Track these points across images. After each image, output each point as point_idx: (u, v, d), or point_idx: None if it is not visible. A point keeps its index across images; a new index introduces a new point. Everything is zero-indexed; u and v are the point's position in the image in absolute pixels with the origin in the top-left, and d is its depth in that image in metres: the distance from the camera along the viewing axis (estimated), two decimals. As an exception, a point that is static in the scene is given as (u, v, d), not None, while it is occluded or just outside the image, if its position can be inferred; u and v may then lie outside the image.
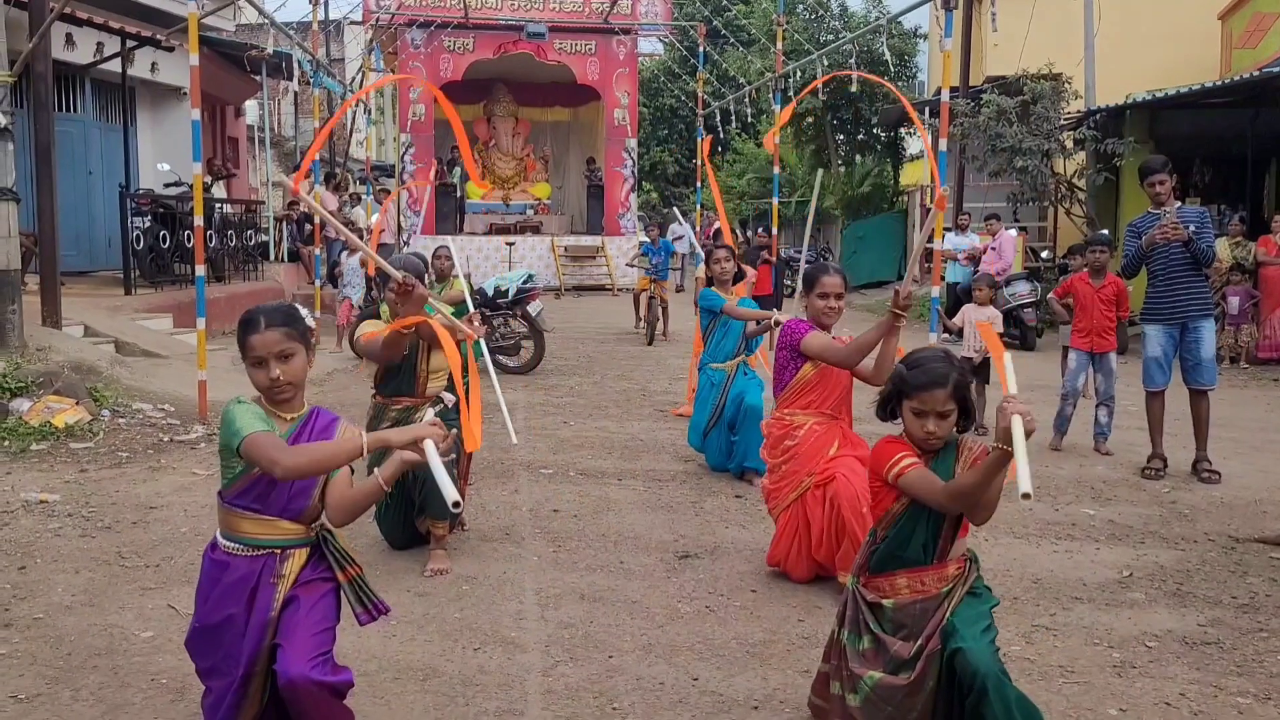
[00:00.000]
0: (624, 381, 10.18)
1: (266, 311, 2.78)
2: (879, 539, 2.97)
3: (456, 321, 4.82)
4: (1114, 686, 3.58)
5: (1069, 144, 15.22)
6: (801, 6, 26.85)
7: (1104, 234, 8.66)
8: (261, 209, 16.61)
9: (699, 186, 20.29)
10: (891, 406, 2.96)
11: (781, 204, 18.08)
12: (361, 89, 19.17)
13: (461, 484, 5.05)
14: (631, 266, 16.17)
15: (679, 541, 5.14)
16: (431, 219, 20.62)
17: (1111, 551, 5.09)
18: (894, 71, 24.53)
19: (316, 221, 13.34)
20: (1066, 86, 15.01)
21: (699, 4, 29.46)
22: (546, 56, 21.65)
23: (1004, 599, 4.19)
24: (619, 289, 20.84)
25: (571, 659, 3.73)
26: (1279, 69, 12.29)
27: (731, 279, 6.79)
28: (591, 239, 22.30)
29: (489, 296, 10.36)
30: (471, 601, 4.29)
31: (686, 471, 6.58)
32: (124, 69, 13.74)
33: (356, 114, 22.06)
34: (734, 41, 26.51)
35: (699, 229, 19.91)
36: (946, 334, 8.48)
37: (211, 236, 12.70)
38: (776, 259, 14.18)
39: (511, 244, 20.10)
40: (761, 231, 18.34)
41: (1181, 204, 6.81)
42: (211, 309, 8.78)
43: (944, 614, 2.77)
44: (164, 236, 12.32)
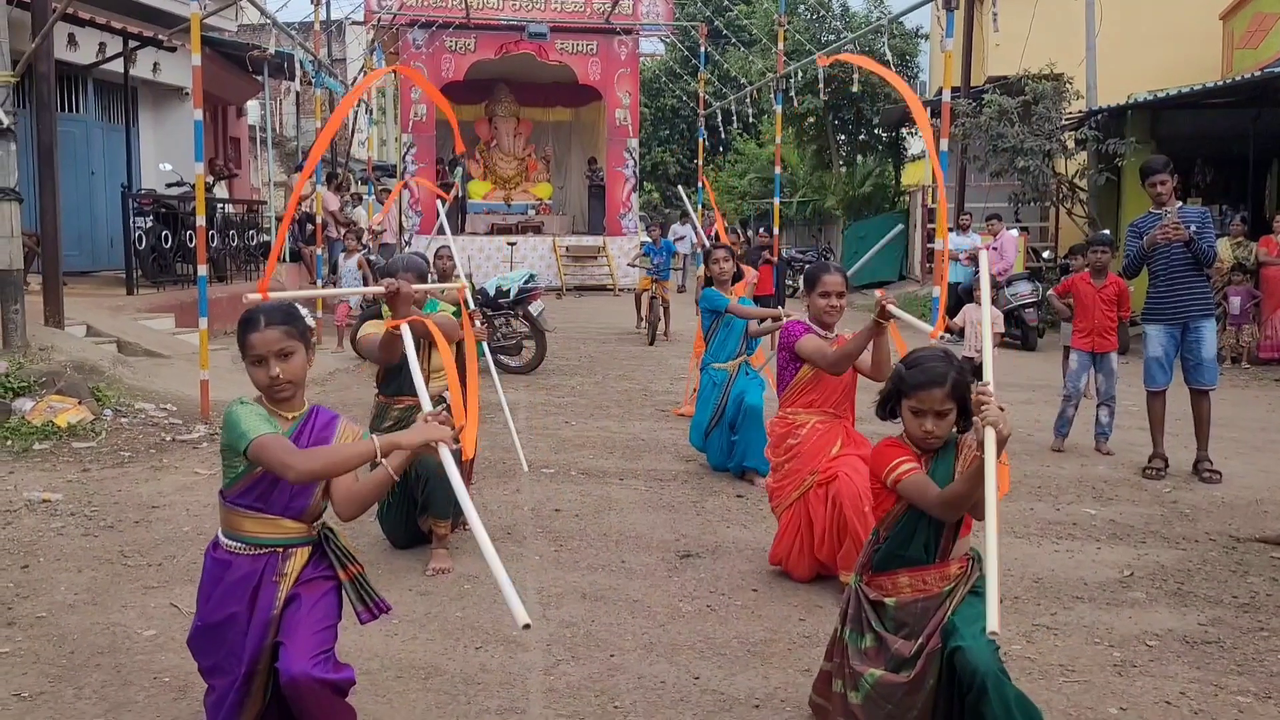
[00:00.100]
0: (625, 381, 10.19)
1: (266, 310, 2.79)
2: (881, 538, 2.98)
3: (453, 320, 4.83)
4: (1114, 685, 3.58)
5: (1070, 144, 15.23)
6: (803, 7, 26.84)
7: (1105, 234, 8.65)
8: (263, 209, 16.62)
9: (699, 187, 20.30)
10: (891, 406, 2.97)
11: (783, 204, 18.09)
12: (360, 86, 19.19)
13: (465, 483, 5.05)
14: (633, 266, 16.18)
15: (680, 541, 5.15)
16: (432, 219, 20.62)
17: (1112, 551, 5.09)
18: (895, 72, 24.55)
19: (318, 221, 13.33)
20: (1068, 87, 15.01)
21: (700, 4, 29.47)
22: (548, 57, 21.66)
23: (1005, 598, 4.20)
24: (620, 289, 20.85)
25: (573, 658, 3.74)
26: (1280, 69, 12.30)
27: (731, 279, 6.81)
28: (593, 239, 22.31)
29: (491, 296, 10.37)
30: (473, 600, 4.30)
31: (688, 471, 6.58)
32: (126, 69, 13.76)
33: (358, 114, 22.08)
34: (735, 42, 26.55)
35: (700, 229, 19.92)
36: (947, 334, 8.47)
37: (213, 236, 12.71)
38: (778, 259, 14.18)
39: (513, 244, 20.11)
40: (763, 231, 18.36)
41: (1183, 204, 6.82)
42: (213, 309, 8.79)
43: (945, 613, 2.78)
44: (166, 236, 12.32)
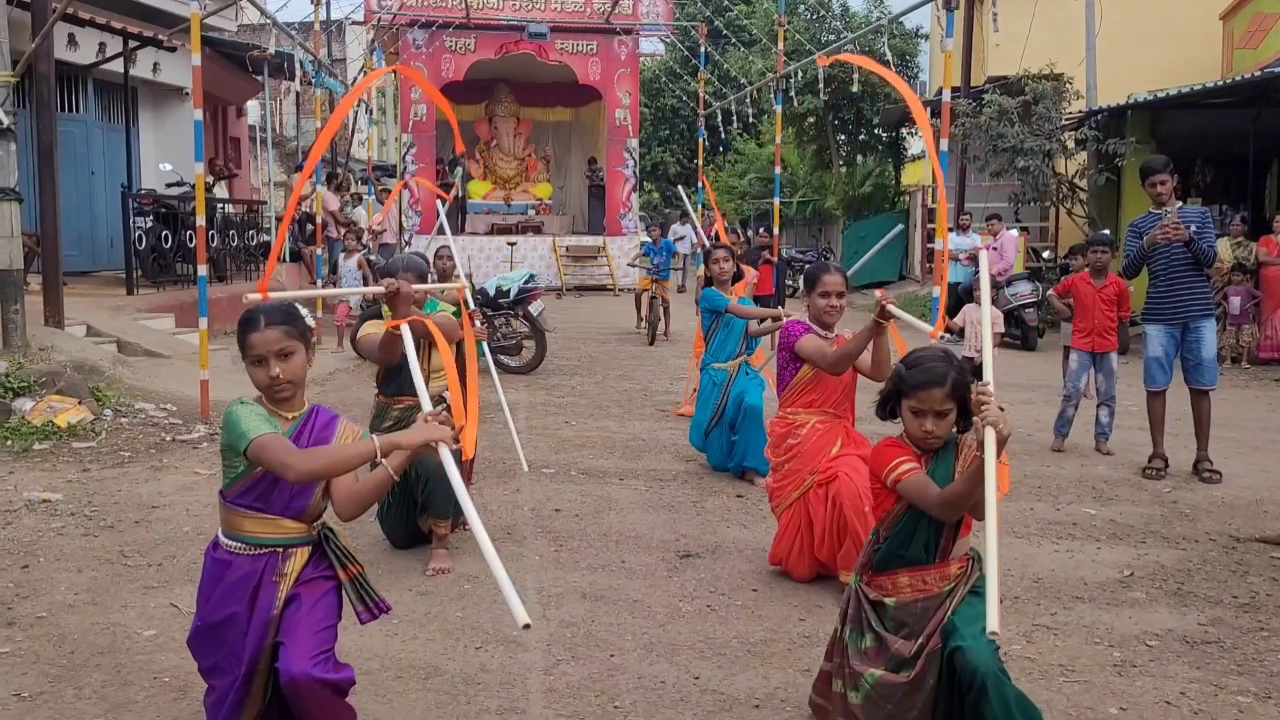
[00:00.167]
0: (625, 381, 10.19)
1: (266, 310, 2.80)
2: (881, 538, 2.98)
3: (453, 320, 4.83)
4: (1114, 685, 3.58)
5: (1070, 144, 15.23)
6: (803, 7, 26.84)
7: (1105, 234, 8.65)
8: (263, 209, 16.62)
9: (699, 187, 20.30)
10: (891, 406, 2.97)
11: (783, 204, 18.08)
12: (360, 86, 19.18)
13: (465, 484, 5.05)
14: (633, 266, 16.18)
15: (680, 541, 5.15)
16: (432, 219, 20.63)
17: (1112, 551, 5.09)
18: (895, 72, 24.55)
19: (318, 221, 13.33)
20: (1068, 87, 15.01)
21: (700, 4, 29.47)
22: (548, 57, 21.67)
23: (1005, 598, 4.20)
24: (620, 289, 20.85)
25: (573, 658, 3.74)
26: (1280, 69, 12.30)
27: (730, 279, 6.81)
28: (593, 239, 22.31)
29: (491, 296, 10.37)
30: (473, 600, 4.30)
31: (688, 471, 6.58)
32: (126, 69, 13.76)
33: (358, 114, 22.07)
34: (735, 42, 26.55)
35: (700, 229, 19.93)
36: (948, 334, 8.47)
37: (213, 236, 12.71)
38: (778, 259, 14.18)
39: (513, 244, 20.12)
40: (763, 231, 18.36)
41: (1183, 204, 6.82)
42: (213, 309, 8.79)
43: (945, 613, 2.78)
44: (166, 236, 12.32)
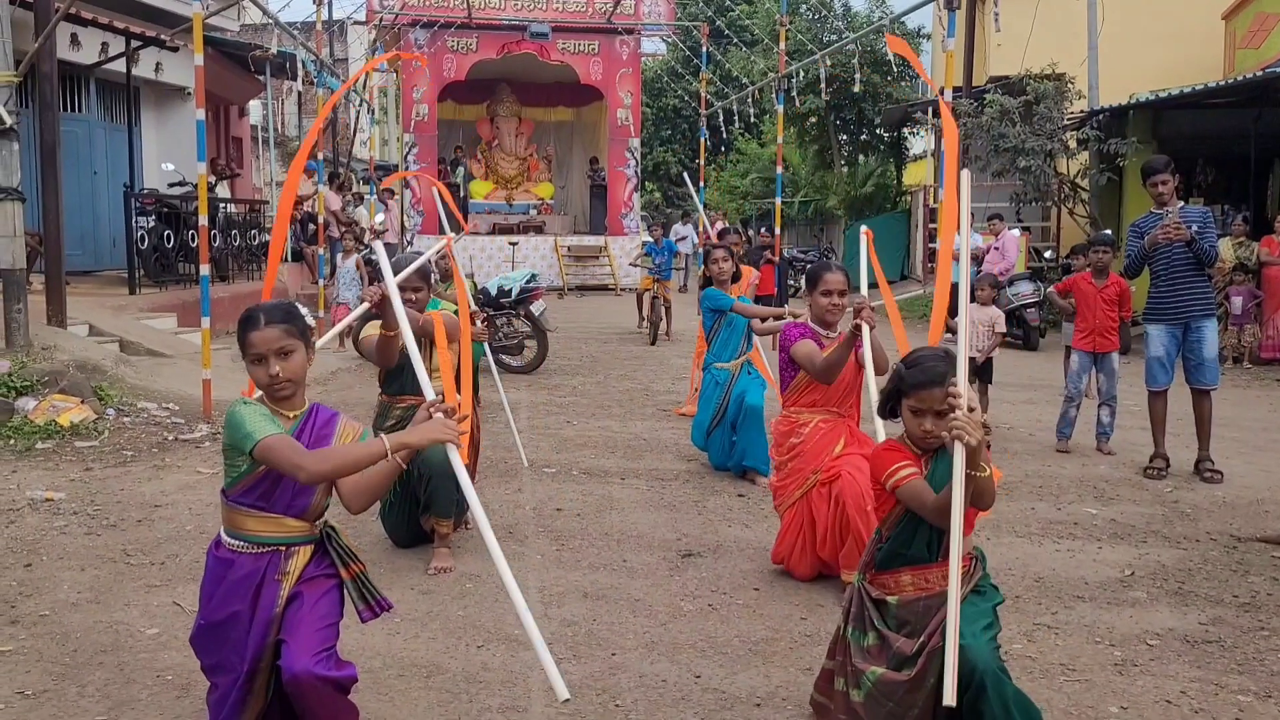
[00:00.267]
0: (627, 381, 10.20)
1: (266, 309, 2.81)
2: (884, 537, 2.98)
3: (454, 319, 4.84)
4: (1115, 684, 3.59)
5: (1072, 144, 15.22)
6: (804, 6, 26.84)
7: (1107, 234, 8.64)
8: (265, 209, 16.64)
9: (701, 187, 20.32)
10: (891, 405, 2.98)
11: (784, 204, 18.09)
12: (365, 86, 19.21)
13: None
14: (635, 266, 16.19)
15: (682, 540, 5.15)
16: (434, 218, 20.65)
17: (1113, 550, 5.10)
18: (897, 71, 24.53)
19: (320, 221, 13.34)
20: (1069, 86, 15.01)
21: (702, 4, 29.46)
22: (550, 56, 21.68)
23: (1006, 597, 4.20)
24: (622, 289, 20.86)
25: (574, 656, 3.75)
26: (1282, 69, 12.28)
27: (730, 278, 6.83)
28: (594, 239, 22.32)
29: (492, 296, 10.38)
30: (475, 599, 4.30)
31: (689, 470, 6.59)
32: (128, 69, 13.77)
33: (360, 114, 22.10)
34: (737, 42, 26.56)
35: (702, 229, 19.96)
36: (949, 334, 8.48)
37: (215, 236, 12.72)
38: (779, 259, 14.20)
39: (515, 244, 20.13)
40: (764, 231, 18.37)
41: (1184, 204, 6.82)
42: (216, 308, 8.81)
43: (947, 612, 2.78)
44: (168, 236, 12.34)
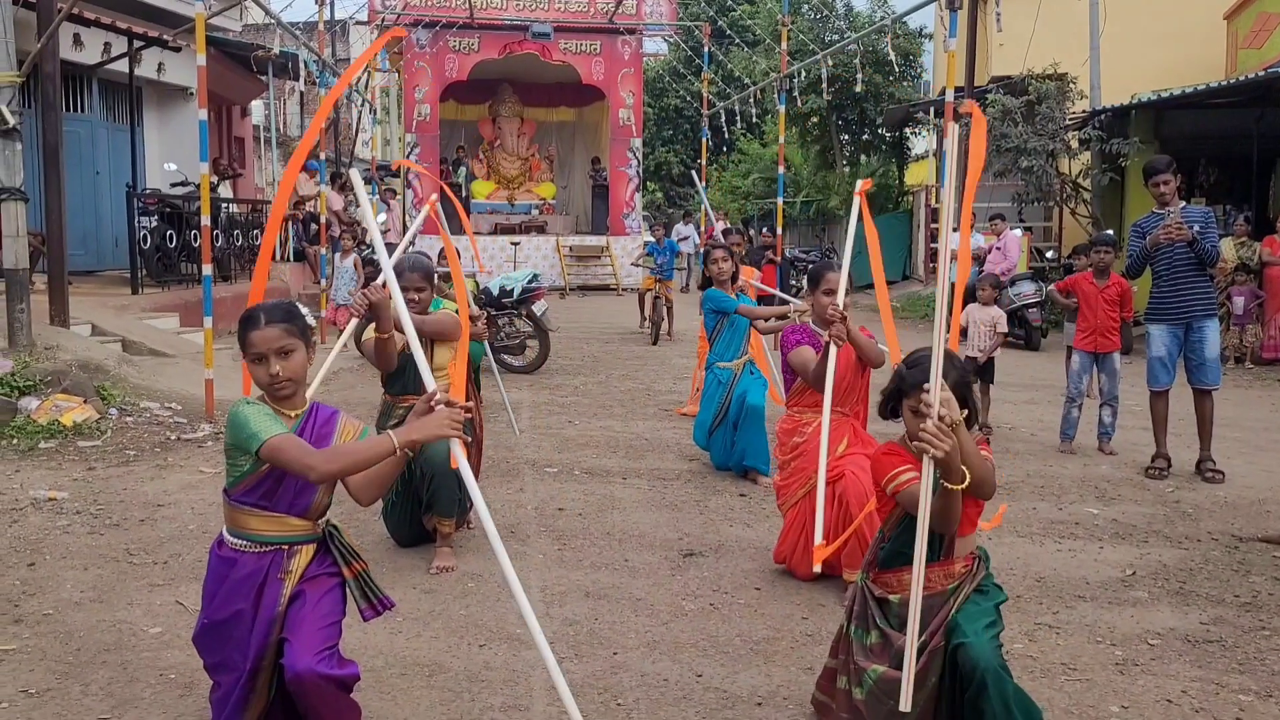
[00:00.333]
0: (629, 381, 10.20)
1: (266, 309, 2.82)
2: (886, 537, 2.99)
3: (455, 318, 4.85)
4: (1116, 684, 3.60)
5: (1074, 144, 15.22)
6: (806, 6, 26.81)
7: (1108, 234, 8.65)
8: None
9: (704, 187, 20.33)
10: (892, 405, 2.98)
11: (786, 204, 18.09)
12: (366, 86, 19.22)
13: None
14: (636, 266, 16.19)
15: (683, 539, 5.16)
16: (435, 219, 20.66)
17: (1115, 550, 5.10)
18: (899, 71, 24.53)
19: (322, 221, 13.35)
20: (1071, 86, 15.01)
21: (704, 4, 29.46)
22: (551, 56, 21.68)
23: (1008, 597, 4.20)
24: (624, 289, 20.87)
25: (576, 655, 3.75)
26: (1284, 69, 12.28)
27: (729, 278, 6.84)
28: (596, 239, 22.33)
29: (494, 296, 10.39)
30: (477, 599, 4.31)
31: (691, 470, 6.60)
32: (131, 69, 13.79)
33: (361, 114, 22.12)
34: (739, 42, 26.54)
35: (704, 229, 19.95)
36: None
37: (218, 236, 12.74)
38: (781, 258, 14.20)
39: (516, 244, 20.15)
40: (766, 231, 18.37)
41: (1186, 204, 6.82)
42: (218, 308, 8.82)
43: (949, 611, 2.78)
44: (171, 236, 12.35)
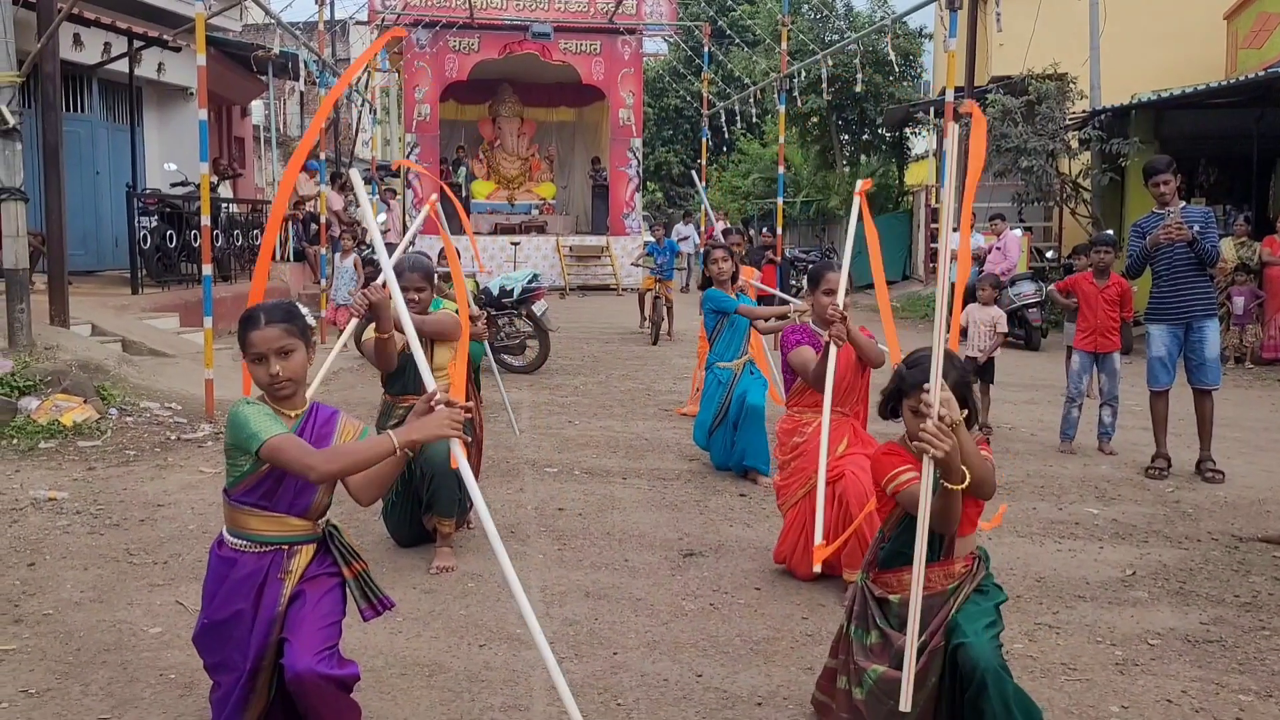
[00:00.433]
0: (629, 381, 10.20)
1: (266, 309, 2.82)
2: (886, 537, 2.99)
3: (455, 317, 4.86)
4: (1116, 684, 3.60)
5: (1074, 144, 15.23)
6: (806, 6, 26.81)
7: (1108, 234, 8.65)
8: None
9: (704, 186, 20.33)
10: (892, 405, 2.98)
11: (786, 204, 18.09)
12: (366, 86, 19.21)
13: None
14: (636, 266, 16.19)
15: (683, 539, 5.16)
16: (436, 219, 20.67)
17: (1115, 550, 5.10)
18: (899, 72, 24.52)
19: (323, 221, 13.35)
20: (1071, 86, 15.01)
21: (704, 4, 29.47)
22: (551, 56, 21.68)
23: (1008, 597, 4.21)
24: (624, 289, 20.86)
25: (576, 655, 3.75)
26: (1284, 69, 12.28)
27: (729, 278, 6.85)
28: (596, 239, 22.33)
29: (494, 296, 10.39)
30: (477, 599, 4.31)
31: (691, 470, 6.60)
32: (131, 69, 13.79)
33: (362, 114, 22.12)
34: (739, 42, 26.54)
35: (704, 229, 19.95)
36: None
37: (218, 236, 12.74)
38: (781, 259, 14.20)
39: (516, 244, 20.15)
40: (766, 231, 18.37)
41: (1186, 204, 6.82)
42: (218, 308, 8.82)
43: (949, 611, 2.78)
44: (171, 236, 12.35)
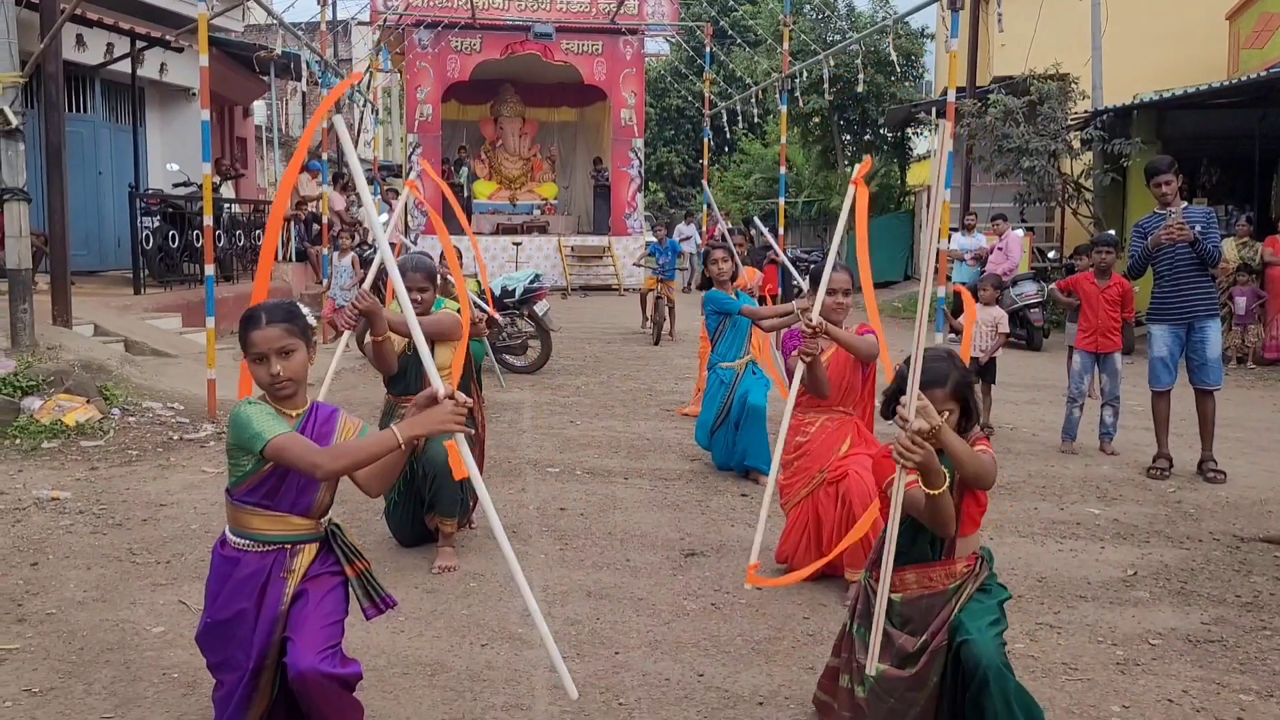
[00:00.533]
0: (630, 381, 10.21)
1: (267, 308, 2.83)
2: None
3: (455, 317, 4.87)
4: (1117, 684, 3.60)
5: (1076, 144, 15.22)
6: (808, 7, 26.81)
7: (1110, 234, 8.66)
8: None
9: (705, 185, 20.33)
10: (893, 406, 2.98)
11: (788, 204, 18.09)
12: (369, 86, 19.22)
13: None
14: (638, 266, 16.19)
15: (685, 539, 5.17)
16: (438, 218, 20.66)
17: (1116, 550, 5.11)
18: (901, 72, 24.51)
19: (324, 221, 13.37)
20: (1073, 87, 15.01)
21: (705, 4, 29.46)
22: (553, 57, 21.68)
23: (1011, 595, 4.21)
24: (625, 289, 20.87)
25: (578, 655, 3.76)
26: (1286, 69, 12.27)
27: (729, 278, 6.86)
28: (598, 239, 22.32)
29: (496, 296, 10.40)
30: (479, 598, 4.32)
31: (693, 470, 6.60)
32: (134, 70, 13.81)
33: (363, 114, 22.13)
34: (740, 42, 26.52)
35: (705, 229, 19.97)
36: (953, 334, 8.50)
37: (220, 236, 12.75)
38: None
39: (518, 244, 20.15)
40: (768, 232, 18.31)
41: (1188, 204, 6.82)
42: (220, 308, 8.83)
43: (951, 610, 2.79)
44: (173, 236, 12.37)
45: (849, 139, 28.53)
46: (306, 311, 2.93)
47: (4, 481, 5.95)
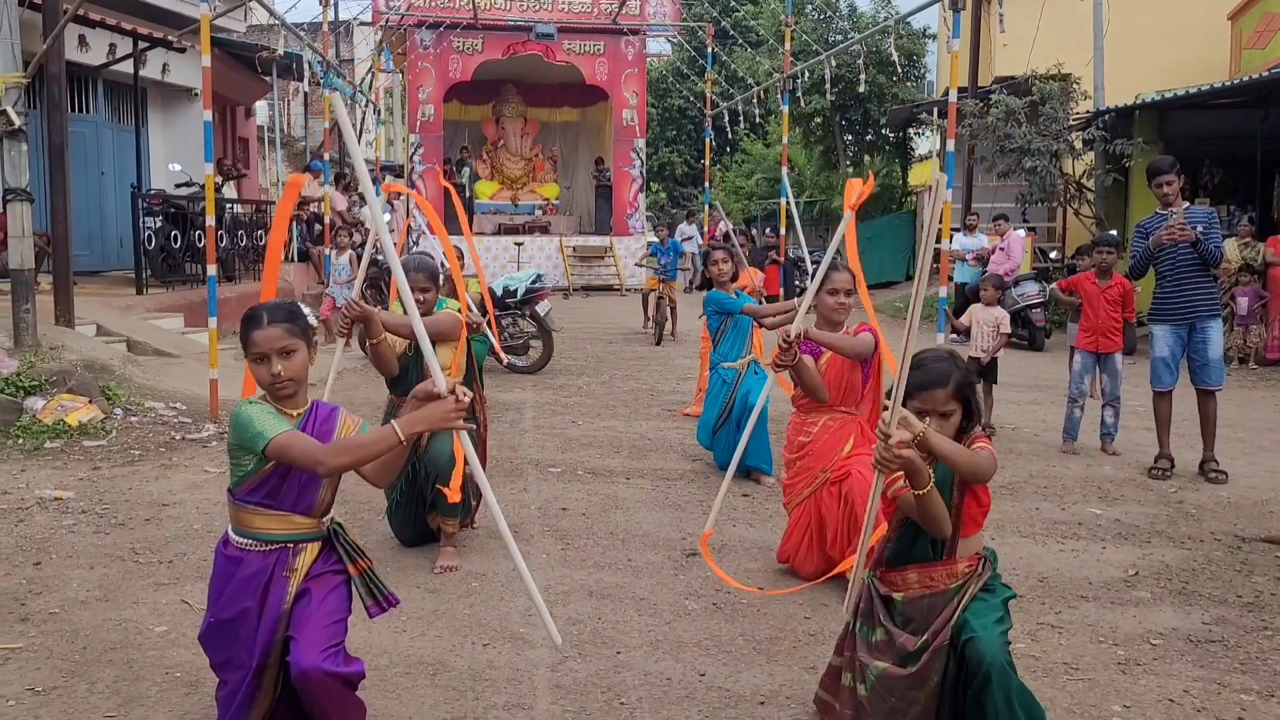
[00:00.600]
0: (632, 381, 10.21)
1: (269, 308, 2.85)
2: (891, 537, 3.00)
3: (455, 317, 4.88)
4: (1118, 683, 3.60)
5: (1078, 144, 15.22)
6: (810, 7, 26.82)
7: (1111, 234, 8.67)
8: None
9: (707, 186, 20.33)
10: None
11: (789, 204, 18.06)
12: (370, 87, 19.23)
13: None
14: (640, 266, 16.19)
15: (686, 539, 5.17)
16: (440, 218, 20.66)
17: (1118, 550, 5.11)
18: (902, 72, 24.51)
19: (326, 221, 13.37)
20: (1075, 87, 15.00)
21: (707, 4, 29.47)
22: (555, 57, 21.69)
23: (1015, 594, 4.21)
24: (627, 289, 20.87)
25: (580, 654, 3.77)
26: (1288, 69, 12.27)
27: (729, 278, 6.87)
28: (600, 239, 22.32)
29: (498, 296, 10.41)
30: (481, 598, 4.33)
31: (694, 470, 6.61)
32: (136, 70, 13.82)
33: (365, 115, 22.14)
34: (742, 42, 26.53)
35: (706, 229, 19.98)
36: (954, 334, 8.50)
37: (222, 236, 12.76)
38: (784, 259, 14.20)
39: (520, 244, 20.15)
40: (769, 232, 18.38)
41: (1189, 204, 6.82)
42: (222, 308, 8.82)
43: (954, 610, 2.79)
44: (175, 236, 12.38)
45: (851, 139, 28.53)
46: (308, 312, 2.94)
47: (7, 481, 5.96)
